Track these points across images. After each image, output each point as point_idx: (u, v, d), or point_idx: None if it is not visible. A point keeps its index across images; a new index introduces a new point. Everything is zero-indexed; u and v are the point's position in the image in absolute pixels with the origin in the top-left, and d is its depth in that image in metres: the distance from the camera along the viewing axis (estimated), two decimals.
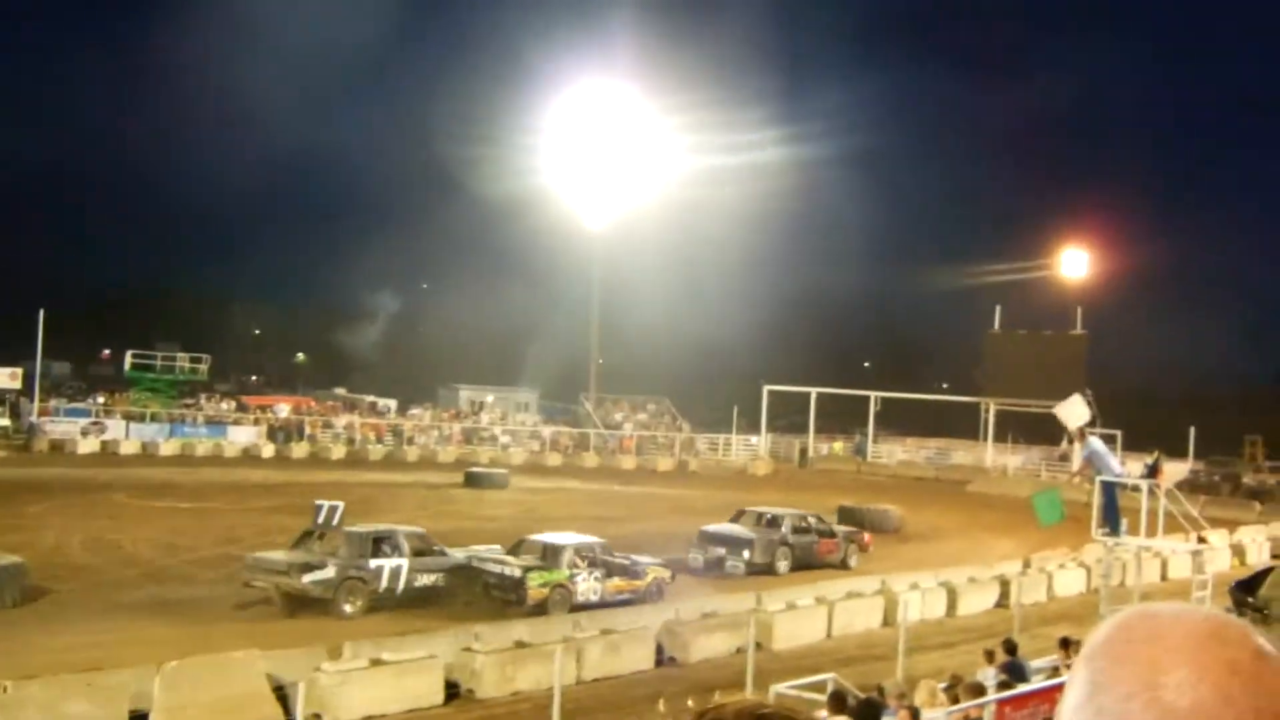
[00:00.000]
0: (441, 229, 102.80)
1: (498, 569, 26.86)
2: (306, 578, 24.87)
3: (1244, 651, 1.30)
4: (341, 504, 28.49)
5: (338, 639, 19.69)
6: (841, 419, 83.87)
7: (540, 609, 25.40)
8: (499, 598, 26.33)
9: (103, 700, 15.42)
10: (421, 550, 27.39)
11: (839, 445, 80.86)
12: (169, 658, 17.02)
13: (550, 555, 27.36)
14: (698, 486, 56.86)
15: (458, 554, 28.15)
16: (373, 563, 26.08)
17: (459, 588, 27.15)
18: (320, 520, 27.94)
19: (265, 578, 25.53)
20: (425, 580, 26.93)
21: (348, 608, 25.06)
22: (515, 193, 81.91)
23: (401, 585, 26.34)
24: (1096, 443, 24.75)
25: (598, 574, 27.23)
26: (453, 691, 18.85)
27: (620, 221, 77.66)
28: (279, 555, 26.73)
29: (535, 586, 26.01)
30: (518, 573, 26.40)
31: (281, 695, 16.98)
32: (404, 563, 26.54)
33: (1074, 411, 30.58)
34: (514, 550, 28.29)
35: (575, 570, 27.03)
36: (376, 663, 18.14)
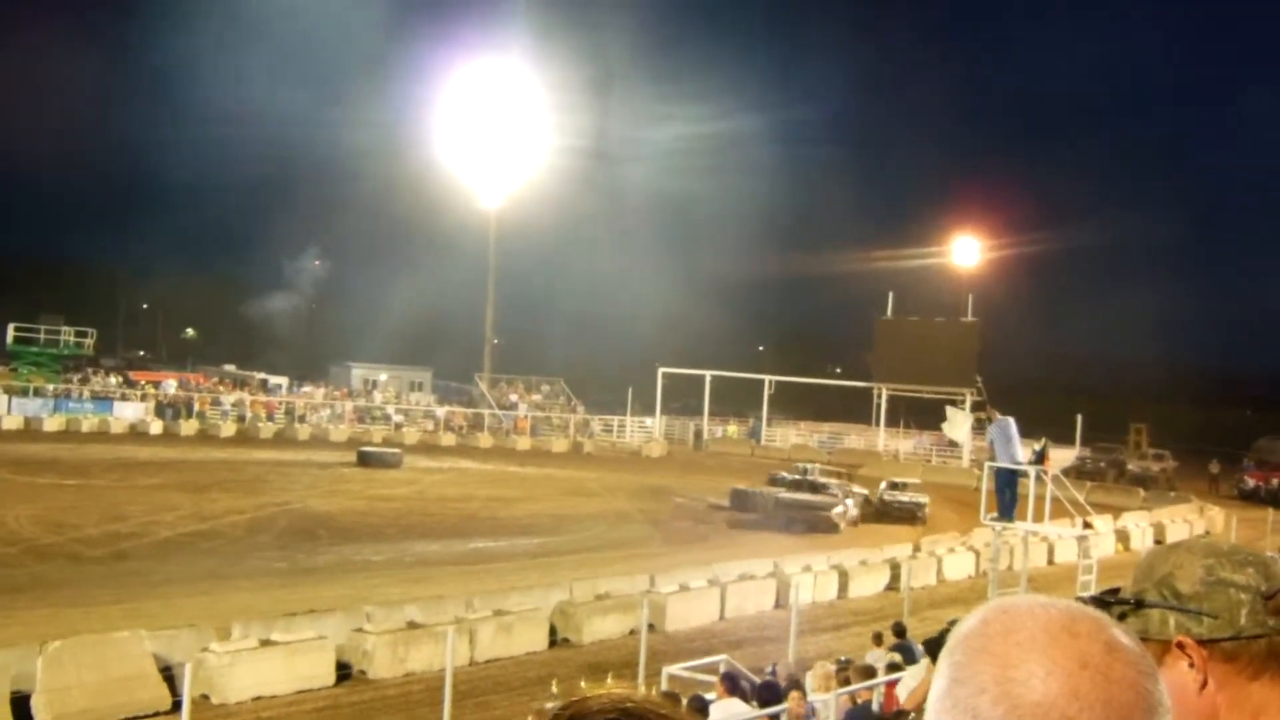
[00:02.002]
0: (338, 205, 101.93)
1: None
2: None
3: (1095, 644, 1.31)
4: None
5: (225, 619, 19.42)
6: (736, 402, 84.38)
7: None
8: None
9: None
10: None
11: (733, 428, 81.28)
12: (52, 637, 16.69)
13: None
14: (593, 468, 56.89)
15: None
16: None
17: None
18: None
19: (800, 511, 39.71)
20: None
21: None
22: (412, 170, 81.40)
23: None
24: (999, 428, 25.00)
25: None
26: (344, 672, 18.69)
27: (517, 201, 77.40)
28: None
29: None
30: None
31: (168, 676, 16.72)
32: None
33: (957, 425, 31.09)
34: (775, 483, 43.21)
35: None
36: (266, 643, 17.91)
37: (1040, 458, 25.95)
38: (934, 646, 13.23)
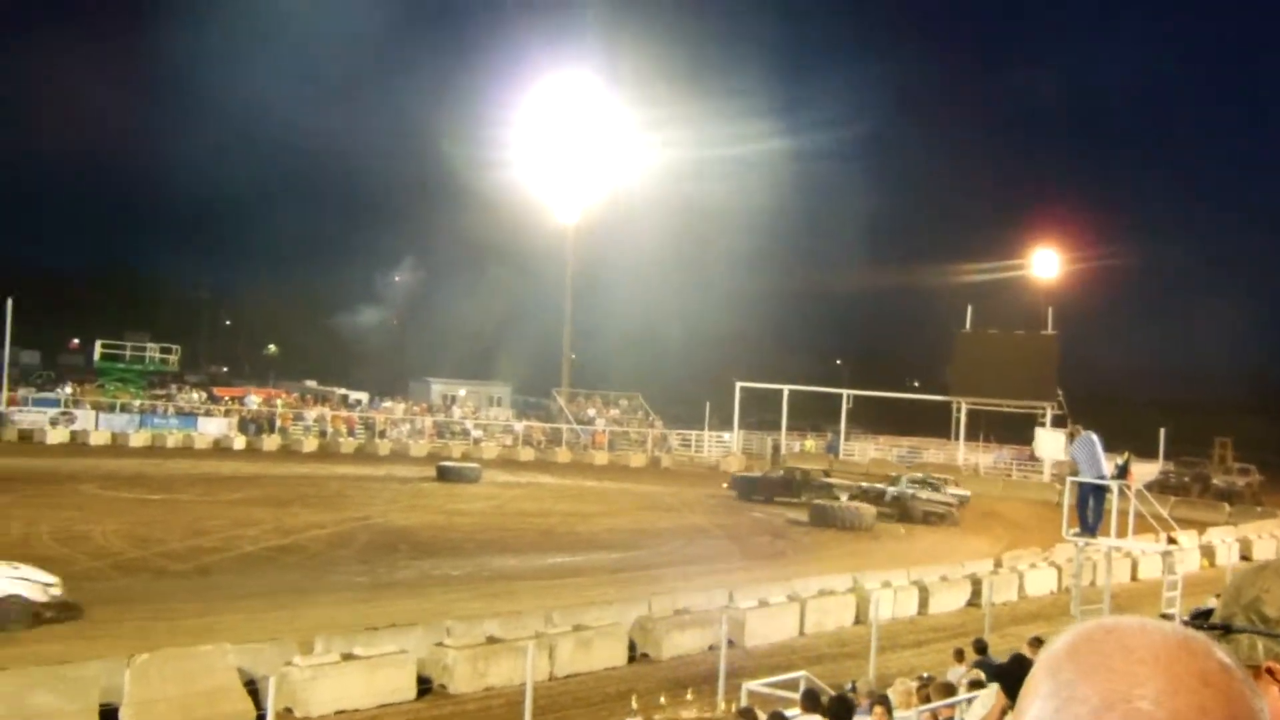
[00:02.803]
0: (418, 223, 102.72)
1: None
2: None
3: (1211, 662, 1.31)
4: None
5: (306, 633, 19.59)
6: (813, 416, 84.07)
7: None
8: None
9: (72, 693, 15.29)
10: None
11: (810, 443, 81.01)
12: (139, 650, 16.91)
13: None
14: (670, 483, 56.89)
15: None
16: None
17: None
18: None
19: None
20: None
21: None
22: (491, 187, 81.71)
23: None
24: (1083, 444, 24.63)
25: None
26: (425, 687, 18.79)
27: (594, 217, 77.63)
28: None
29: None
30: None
31: (252, 689, 16.89)
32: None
33: (1048, 443, 30.68)
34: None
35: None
36: (348, 657, 18.05)
37: (1123, 472, 25.61)
38: (1005, 674, 13.04)
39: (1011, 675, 12.50)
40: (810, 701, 13.03)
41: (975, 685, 15.29)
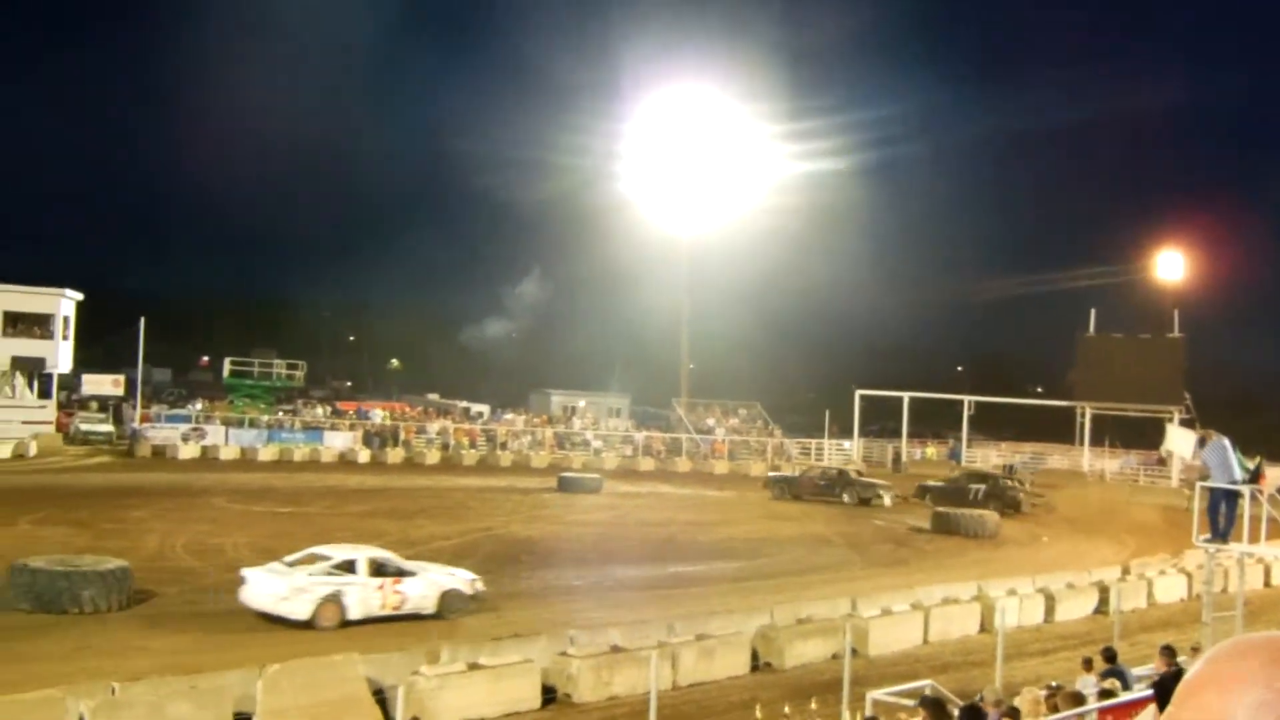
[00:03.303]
0: (538, 237, 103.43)
1: None
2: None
3: None
4: None
5: (432, 643, 19.83)
6: (934, 423, 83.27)
7: None
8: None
9: (207, 703, 15.67)
10: None
11: (931, 449, 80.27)
12: (270, 661, 17.26)
13: None
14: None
15: None
16: None
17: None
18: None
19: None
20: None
21: None
22: (606, 198, 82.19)
23: None
24: (1215, 449, 24.11)
25: None
26: (549, 696, 18.94)
27: (710, 226, 77.62)
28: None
29: None
30: None
31: (380, 698, 17.16)
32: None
33: (1180, 440, 30.00)
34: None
35: None
36: (474, 667, 18.28)
37: (1255, 476, 25.06)
38: (1164, 687, 12.80)
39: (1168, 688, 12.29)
40: (934, 710, 12.93)
41: (1105, 695, 15.07)
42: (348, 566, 24.80)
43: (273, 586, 24.06)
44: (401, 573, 25.47)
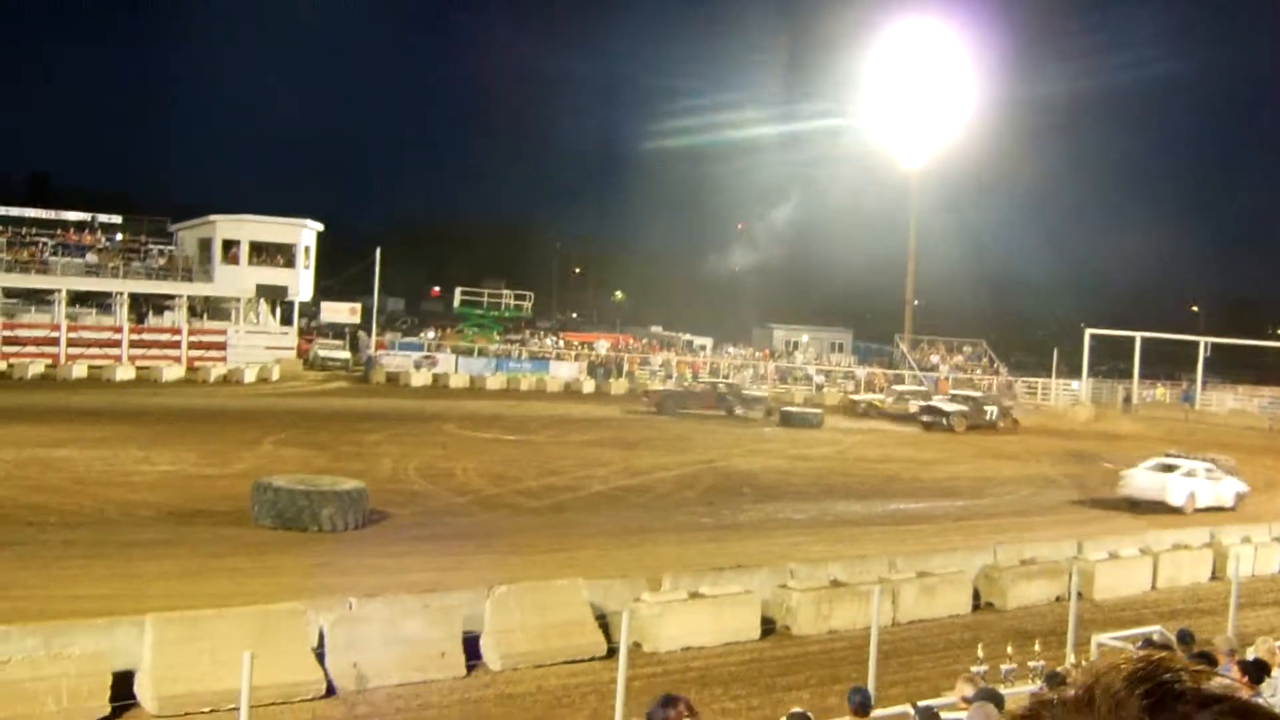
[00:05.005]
0: (762, 172, 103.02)
1: None
2: None
3: None
4: None
5: (653, 571, 20.12)
6: (1167, 365, 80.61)
7: None
8: None
9: (438, 620, 16.20)
10: None
11: (1162, 391, 77.67)
12: (496, 582, 17.75)
13: None
14: (1013, 432, 55.68)
15: None
16: None
17: None
18: None
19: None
20: None
21: None
22: (829, 132, 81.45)
23: None
24: None
25: None
26: (768, 627, 19.09)
27: (938, 161, 76.32)
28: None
29: None
30: None
31: (602, 623, 17.53)
32: None
33: None
34: None
35: None
36: (695, 596, 18.51)
37: None
38: None
39: None
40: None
41: None
42: (1192, 471, 35.28)
43: (1152, 481, 34.55)
44: (1215, 478, 35.55)
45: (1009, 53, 74.99)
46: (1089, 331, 72.21)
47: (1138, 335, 72.38)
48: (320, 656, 15.04)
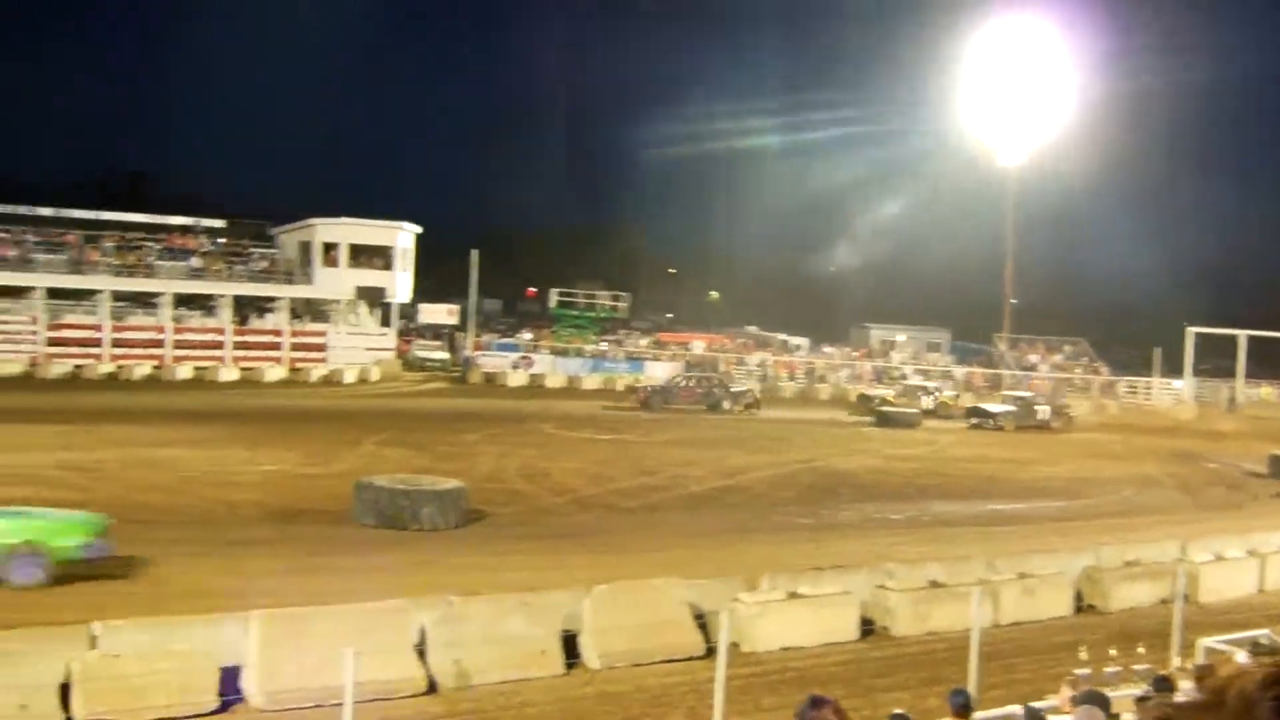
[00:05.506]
0: (851, 168, 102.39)
1: None
2: None
3: None
4: None
5: (750, 571, 20.09)
6: (1273, 364, 78.96)
7: None
8: None
9: (538, 618, 16.32)
10: None
11: (1267, 390, 76.03)
12: (594, 582, 17.84)
13: None
14: (1116, 431, 54.93)
15: None
16: None
17: None
18: None
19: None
20: None
21: None
22: (926, 129, 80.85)
23: None
24: None
25: None
26: (866, 628, 19.02)
27: (1036, 158, 75.41)
28: None
29: None
30: None
31: (700, 623, 17.56)
32: None
33: None
34: None
35: None
36: (793, 596, 18.48)
37: None
38: None
39: None
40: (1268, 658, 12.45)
41: None
42: None
43: None
44: None
45: (1110, 46, 73.85)
46: (1192, 330, 70.99)
47: (1242, 334, 71.04)
48: (421, 653, 15.23)
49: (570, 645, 16.50)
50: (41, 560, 18.96)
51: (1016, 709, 11.24)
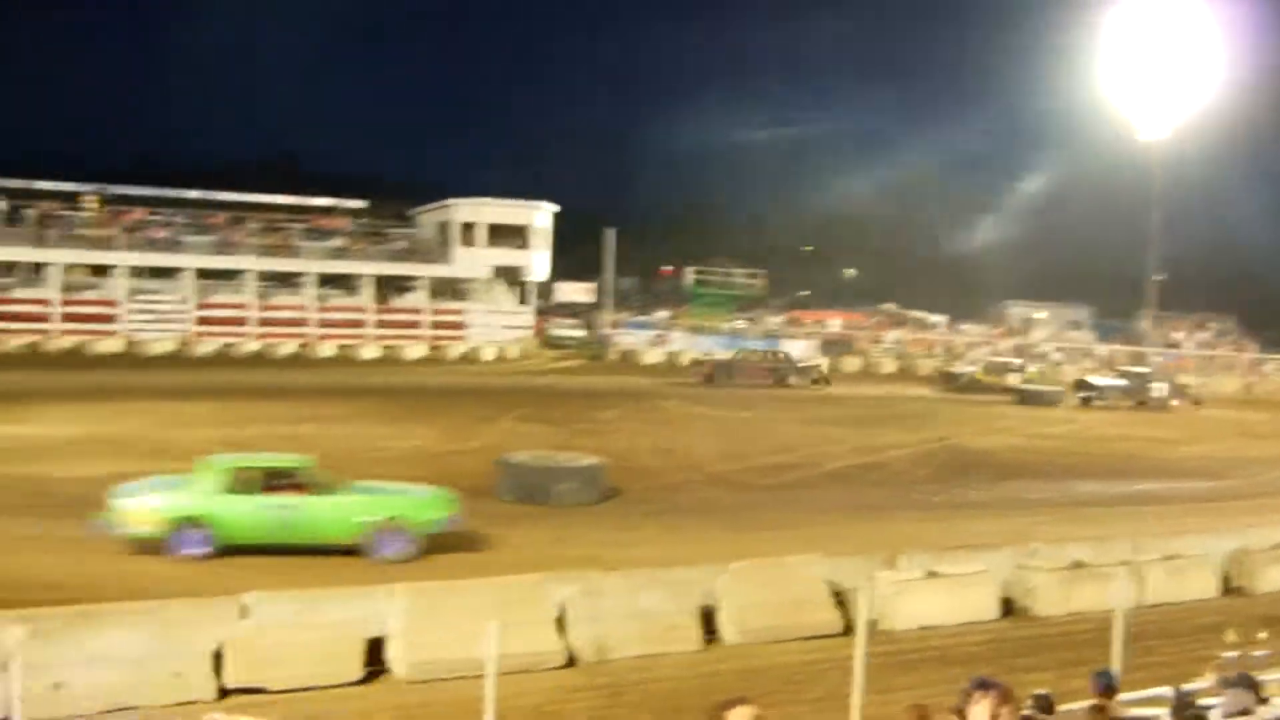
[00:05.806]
0: (996, 145, 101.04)
1: None
2: None
3: None
4: None
5: (888, 549, 19.96)
6: None
7: None
8: None
9: (675, 594, 16.41)
10: None
11: None
12: (729, 559, 17.88)
13: None
14: (1264, 409, 53.56)
15: None
16: None
17: None
18: None
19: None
20: None
21: None
22: (1070, 103, 79.30)
23: None
24: None
25: None
26: (1006, 607, 18.82)
27: (1183, 131, 73.52)
28: None
29: None
30: None
31: (837, 600, 17.51)
32: None
33: None
34: None
35: None
36: (932, 575, 18.34)
37: None
38: None
39: None
40: None
41: None
42: None
43: None
44: None
45: (1261, 14, 71.66)
46: None
47: None
48: (561, 627, 15.41)
49: (708, 621, 16.57)
50: (408, 534, 19.94)
51: (1165, 690, 11.07)
